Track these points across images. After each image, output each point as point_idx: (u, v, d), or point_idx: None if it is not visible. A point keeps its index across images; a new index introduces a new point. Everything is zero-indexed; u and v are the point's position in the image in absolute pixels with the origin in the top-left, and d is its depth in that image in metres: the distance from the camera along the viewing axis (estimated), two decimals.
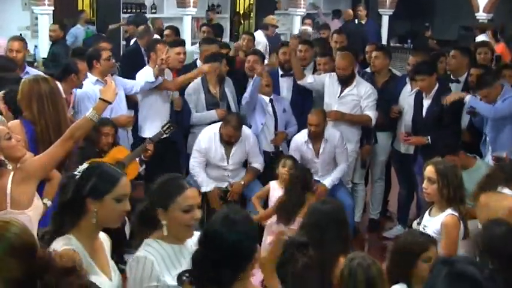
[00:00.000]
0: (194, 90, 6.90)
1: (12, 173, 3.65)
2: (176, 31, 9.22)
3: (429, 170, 4.42)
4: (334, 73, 6.86)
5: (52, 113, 4.44)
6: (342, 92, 6.76)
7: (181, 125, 6.69)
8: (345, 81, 6.74)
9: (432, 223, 4.42)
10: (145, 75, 6.50)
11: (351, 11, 13.83)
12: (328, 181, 6.34)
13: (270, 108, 6.74)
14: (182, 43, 7.27)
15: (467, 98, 6.18)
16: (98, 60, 6.19)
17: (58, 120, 4.46)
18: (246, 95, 6.68)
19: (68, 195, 2.81)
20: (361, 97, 6.72)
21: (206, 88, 6.88)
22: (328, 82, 6.88)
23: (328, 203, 4.23)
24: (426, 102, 6.45)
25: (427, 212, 4.55)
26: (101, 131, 5.66)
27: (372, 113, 6.73)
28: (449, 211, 4.34)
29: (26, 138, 4.33)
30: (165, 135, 6.19)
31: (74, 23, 11.92)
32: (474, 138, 6.35)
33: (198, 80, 6.90)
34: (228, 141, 6.32)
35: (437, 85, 6.42)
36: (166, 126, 6.22)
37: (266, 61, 8.00)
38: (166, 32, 9.15)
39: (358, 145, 6.91)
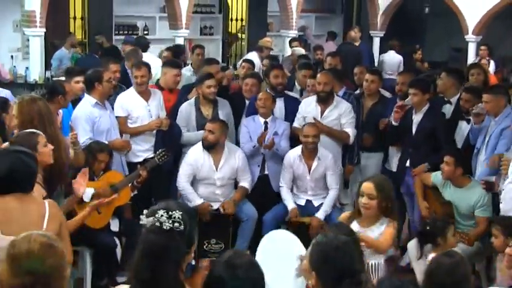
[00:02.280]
0: (186, 110, 6.89)
1: (47, 203, 3.66)
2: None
3: (368, 187, 4.53)
4: (308, 97, 7.01)
5: (53, 132, 4.49)
6: (322, 112, 6.80)
7: (170, 147, 6.66)
8: (325, 99, 6.77)
9: (370, 234, 4.53)
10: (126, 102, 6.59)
11: (353, 33, 13.72)
12: (321, 213, 6.38)
13: (260, 131, 6.68)
14: (180, 65, 7.35)
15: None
16: (99, 82, 6.12)
17: (57, 139, 4.51)
18: (246, 150, 6.64)
19: (181, 251, 2.58)
20: (340, 115, 6.79)
21: (198, 109, 6.87)
22: (304, 106, 6.95)
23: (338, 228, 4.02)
24: (417, 117, 6.48)
25: (354, 224, 4.58)
26: (96, 157, 5.63)
27: (350, 130, 6.81)
28: (386, 220, 4.55)
29: None
30: (159, 163, 6.19)
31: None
32: (468, 155, 6.31)
33: (192, 100, 6.92)
34: (207, 137, 6.29)
35: (428, 104, 6.47)
36: (161, 154, 6.23)
37: None
38: (197, 51, 9.16)
39: (340, 164, 6.90)
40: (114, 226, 5.81)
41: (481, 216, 5.74)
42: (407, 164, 6.56)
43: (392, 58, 12.90)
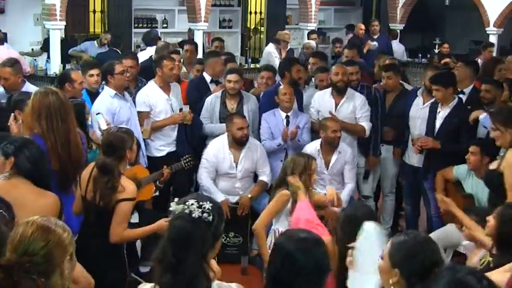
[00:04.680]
0: (211, 102, 6.91)
1: None
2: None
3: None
4: (323, 91, 6.95)
5: (61, 127, 4.43)
6: (337, 105, 6.75)
7: (191, 140, 6.68)
8: (342, 90, 6.71)
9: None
10: (147, 96, 6.58)
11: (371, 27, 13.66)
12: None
13: (282, 126, 6.68)
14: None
15: (481, 116, 6.14)
16: (111, 75, 6.20)
17: (67, 135, 4.46)
18: (268, 147, 6.64)
19: (206, 241, 2.63)
20: (355, 108, 6.73)
21: (223, 102, 6.87)
22: (318, 99, 6.91)
23: None
24: (442, 113, 6.41)
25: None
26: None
27: (366, 124, 6.75)
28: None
29: None
30: (184, 167, 6.25)
31: (86, 38, 12.04)
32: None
33: (219, 93, 6.94)
34: (247, 134, 6.33)
35: (456, 98, 6.41)
36: (188, 159, 6.27)
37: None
38: (216, 43, 9.11)
39: (356, 156, 6.81)
40: (134, 218, 5.83)
41: None
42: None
43: (398, 48, 12.91)
